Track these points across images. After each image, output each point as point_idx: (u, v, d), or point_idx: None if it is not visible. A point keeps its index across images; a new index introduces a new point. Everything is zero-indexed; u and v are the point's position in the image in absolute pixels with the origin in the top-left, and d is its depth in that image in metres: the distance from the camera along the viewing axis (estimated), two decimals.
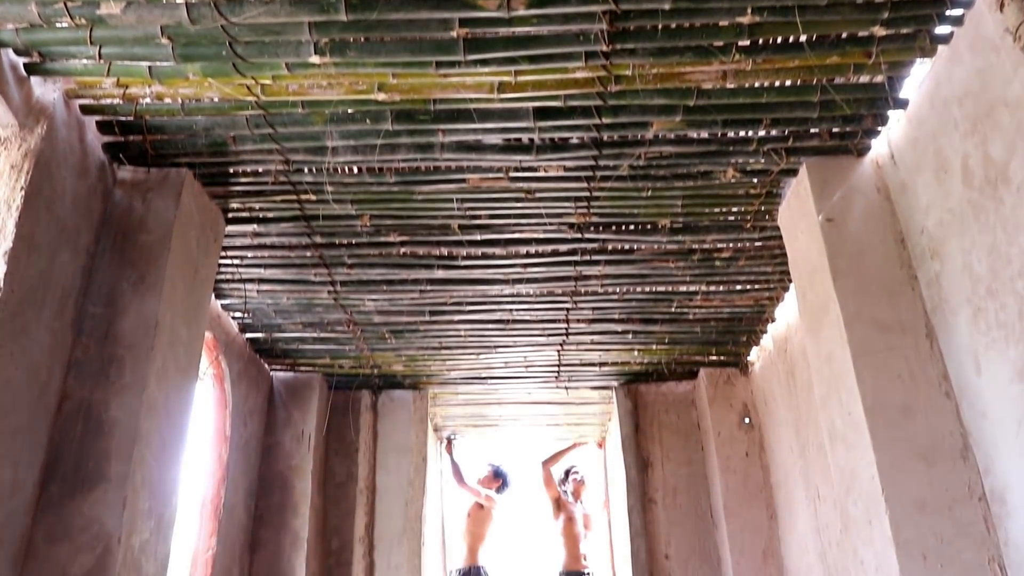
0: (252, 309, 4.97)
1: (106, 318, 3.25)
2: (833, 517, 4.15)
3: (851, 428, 3.26)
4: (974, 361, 2.90)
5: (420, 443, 6.12)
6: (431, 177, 3.75)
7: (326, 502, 5.74)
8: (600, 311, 5.06)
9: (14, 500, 2.83)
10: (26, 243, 2.83)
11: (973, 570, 2.86)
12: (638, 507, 5.78)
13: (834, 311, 3.36)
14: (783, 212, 3.92)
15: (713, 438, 5.65)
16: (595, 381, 6.18)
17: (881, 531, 3.01)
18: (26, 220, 2.82)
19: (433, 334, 5.37)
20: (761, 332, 5.39)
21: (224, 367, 4.96)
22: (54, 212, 3.01)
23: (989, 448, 2.87)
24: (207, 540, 4.72)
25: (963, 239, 2.89)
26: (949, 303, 3.04)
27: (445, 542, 7.09)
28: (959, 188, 2.90)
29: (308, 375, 5.85)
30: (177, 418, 3.48)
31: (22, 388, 2.85)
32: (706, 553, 5.63)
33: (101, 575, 2.90)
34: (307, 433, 5.63)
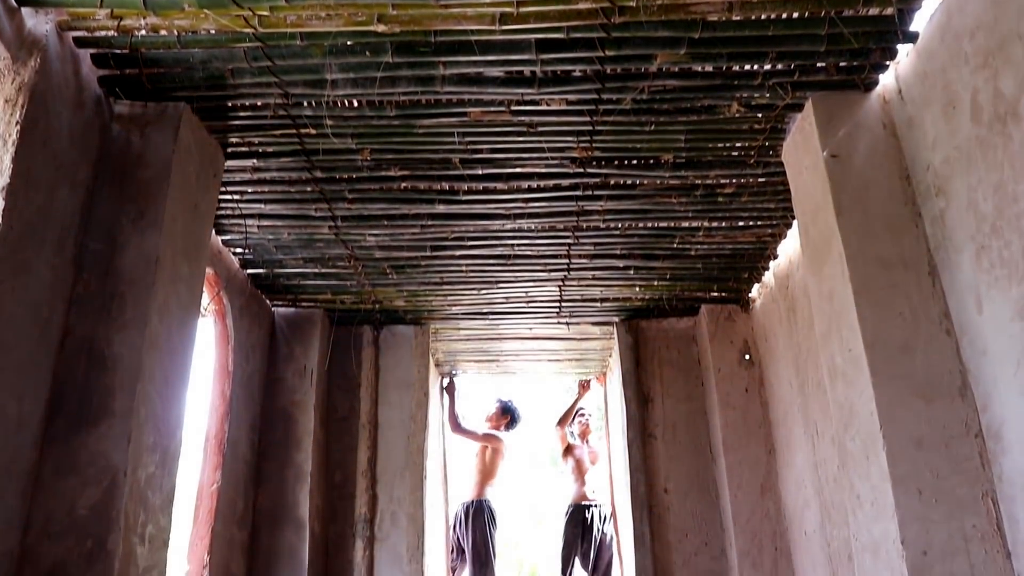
0: (253, 245, 4.96)
1: (106, 254, 3.24)
2: (831, 453, 4.19)
3: (851, 365, 3.27)
4: (976, 299, 2.89)
5: (422, 378, 6.16)
6: (432, 111, 3.70)
7: (329, 437, 5.80)
8: (602, 246, 5.05)
9: (21, 434, 2.85)
10: (24, 179, 2.80)
11: (967, 504, 2.90)
12: (638, 442, 5.84)
13: (836, 248, 3.35)
14: (787, 148, 3.88)
15: (713, 374, 5.68)
16: (596, 317, 6.19)
17: (878, 466, 3.05)
18: (23, 155, 2.79)
19: (434, 269, 5.36)
20: (763, 269, 5.38)
21: (226, 303, 4.97)
22: (51, 147, 2.98)
23: (987, 386, 2.88)
24: (212, 474, 4.79)
25: (969, 176, 2.86)
26: (953, 241, 3.02)
27: (447, 476, 7.19)
28: (967, 124, 2.86)
29: (310, 310, 5.86)
30: (180, 353, 3.50)
31: (24, 324, 2.86)
32: (705, 487, 5.71)
33: (108, 508, 2.94)
34: (309, 368, 5.67)
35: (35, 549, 2.85)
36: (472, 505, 7.20)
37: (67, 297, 3.13)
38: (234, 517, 4.95)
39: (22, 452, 2.87)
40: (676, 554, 5.57)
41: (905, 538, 2.89)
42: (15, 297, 2.80)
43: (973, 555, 2.84)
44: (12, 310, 2.78)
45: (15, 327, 2.81)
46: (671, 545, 5.60)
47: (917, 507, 2.92)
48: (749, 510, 5.33)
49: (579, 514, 7.15)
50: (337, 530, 5.66)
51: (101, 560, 2.87)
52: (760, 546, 5.23)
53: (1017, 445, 2.73)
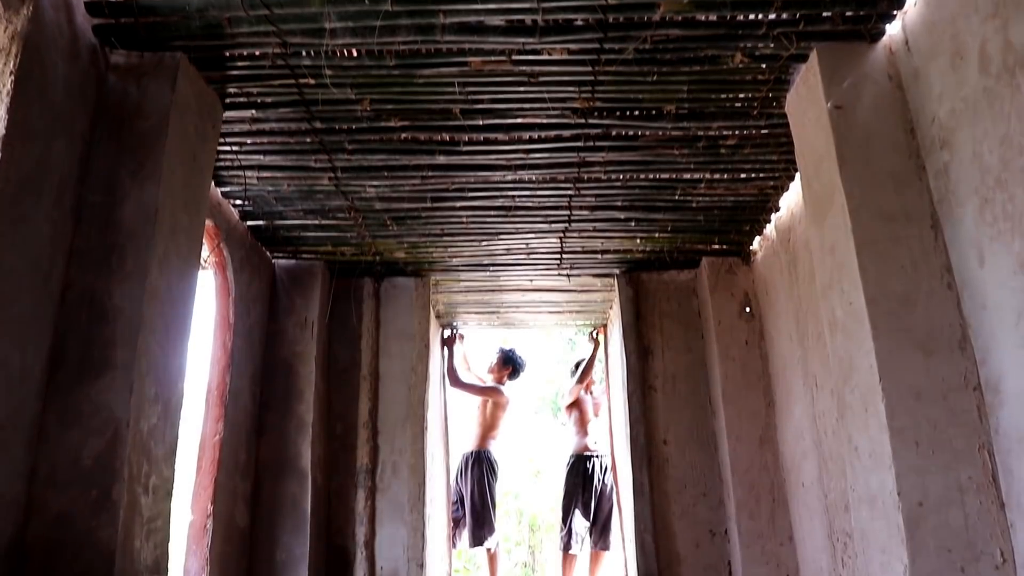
0: (252, 196, 4.94)
1: (105, 206, 3.22)
2: (830, 405, 4.21)
3: (851, 317, 3.27)
4: (978, 253, 2.88)
5: (422, 330, 6.18)
6: (432, 60, 3.65)
7: (330, 388, 5.83)
8: (603, 198, 5.03)
9: (24, 386, 2.87)
10: (20, 130, 2.78)
11: (963, 456, 2.92)
12: (638, 393, 5.87)
13: (839, 200, 3.33)
14: (791, 99, 3.84)
15: (713, 327, 5.69)
16: (597, 269, 6.18)
17: (876, 418, 3.06)
18: (18, 106, 2.76)
19: (435, 221, 5.34)
20: (764, 221, 5.36)
21: (226, 255, 4.96)
22: (47, 98, 2.95)
23: (987, 339, 2.89)
24: (214, 425, 4.82)
25: (975, 128, 2.84)
26: (956, 194, 3.01)
27: (448, 427, 7.25)
28: (975, 75, 2.82)
29: (310, 262, 5.86)
30: (180, 305, 3.50)
31: (24, 276, 2.86)
32: (704, 439, 5.75)
33: (112, 458, 2.97)
34: (310, 320, 5.68)
35: (41, 499, 2.88)
36: (473, 456, 7.28)
37: (66, 249, 3.12)
38: (237, 468, 5.00)
39: (25, 404, 2.88)
40: (675, 504, 5.64)
41: (902, 489, 2.91)
42: (14, 250, 2.79)
43: (968, 506, 2.87)
44: (12, 263, 2.78)
45: (15, 279, 2.81)
46: (670, 495, 5.66)
47: (914, 459, 2.94)
48: (747, 461, 5.38)
49: (580, 465, 7.22)
50: (339, 480, 5.72)
51: (106, 509, 2.91)
52: (758, 497, 5.29)
53: (1015, 398, 2.75)
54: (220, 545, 4.69)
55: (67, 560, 2.83)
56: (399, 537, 5.64)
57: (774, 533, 5.21)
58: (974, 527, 2.85)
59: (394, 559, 5.60)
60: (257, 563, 5.14)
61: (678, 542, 5.56)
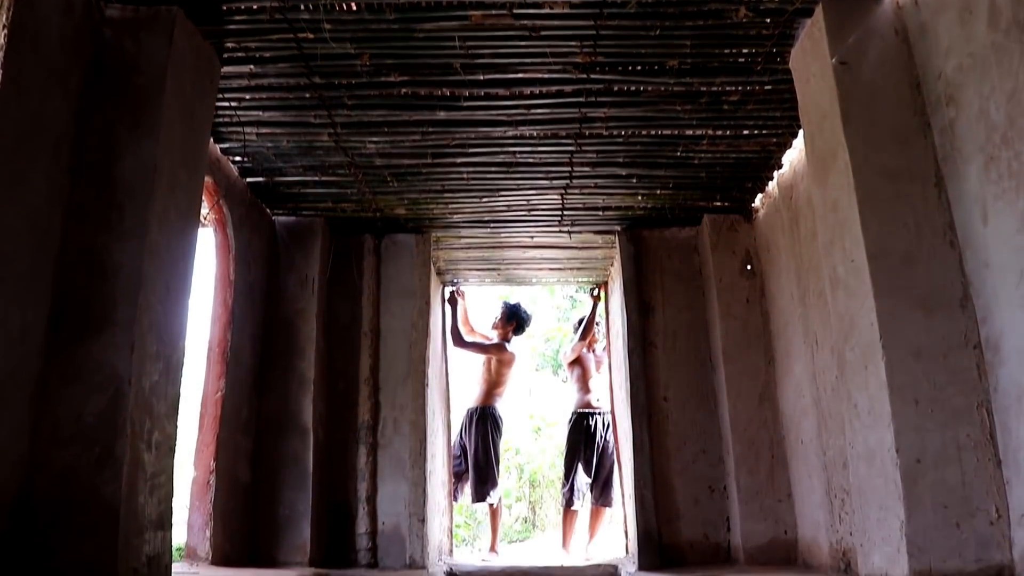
0: (252, 153, 4.91)
1: (103, 163, 3.20)
2: (830, 363, 4.22)
3: (853, 275, 3.27)
4: (981, 210, 2.86)
5: (423, 287, 6.17)
6: (432, 14, 3.61)
7: (331, 345, 5.84)
8: (604, 154, 4.99)
9: (26, 344, 2.87)
10: (14, 85, 2.74)
11: (962, 414, 2.94)
12: (638, 350, 5.87)
13: (842, 157, 3.31)
14: (795, 54, 3.80)
15: (714, 284, 5.68)
16: (598, 225, 6.16)
17: (876, 376, 3.07)
18: (12, 60, 2.72)
19: (435, 177, 5.31)
20: (767, 179, 5.33)
21: (225, 212, 4.94)
22: (41, 52, 2.91)
23: (988, 298, 2.88)
24: (216, 382, 4.84)
25: (982, 85, 2.80)
26: (961, 151, 2.98)
27: (449, 383, 7.28)
28: (983, 30, 2.78)
29: (310, 219, 5.83)
30: (180, 262, 3.49)
31: (22, 234, 2.85)
32: (704, 396, 5.77)
33: (114, 415, 2.98)
34: (311, 277, 5.67)
35: (45, 456, 2.90)
36: (477, 412, 7.32)
37: (64, 207, 3.10)
38: (239, 424, 5.03)
39: (27, 361, 2.89)
40: (674, 461, 5.68)
41: (900, 446, 2.93)
42: (11, 207, 2.77)
43: (965, 463, 2.89)
44: (10, 220, 2.77)
45: (13, 237, 2.80)
46: (670, 452, 5.69)
47: (913, 416, 2.96)
48: (747, 418, 5.40)
49: (583, 421, 7.28)
50: (340, 437, 5.75)
51: (110, 466, 2.93)
52: (757, 454, 5.32)
53: (1014, 356, 2.75)
54: (223, 501, 4.73)
55: (72, 516, 2.86)
56: (400, 493, 5.69)
57: (773, 489, 5.25)
58: (970, 484, 2.87)
59: (395, 514, 5.65)
60: (260, 519, 5.19)
61: (677, 498, 5.61)
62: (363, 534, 5.60)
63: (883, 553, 3.02)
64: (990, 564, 2.80)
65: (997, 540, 2.81)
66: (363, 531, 5.60)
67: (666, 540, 5.51)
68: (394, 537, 5.61)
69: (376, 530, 5.63)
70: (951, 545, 2.83)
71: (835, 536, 4.31)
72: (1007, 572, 2.78)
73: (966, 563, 2.81)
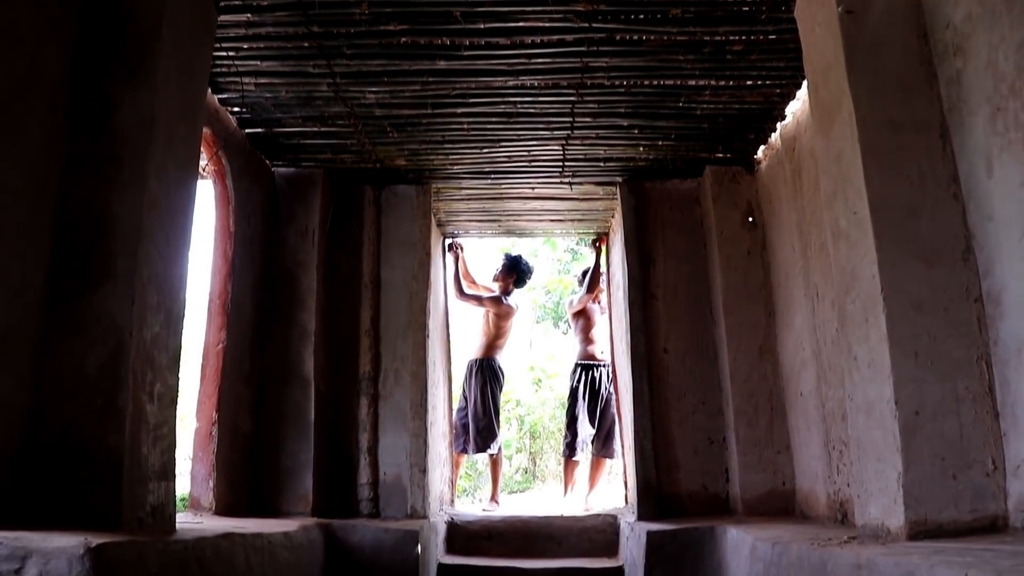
0: (250, 103, 4.86)
1: (100, 114, 3.16)
2: (830, 316, 4.22)
3: (855, 227, 3.25)
4: (986, 163, 2.84)
5: (423, 238, 6.15)
6: None
7: (331, 297, 5.84)
8: (606, 104, 4.95)
9: (26, 296, 2.88)
10: (7, 35, 2.71)
11: (962, 367, 2.94)
12: (639, 302, 5.87)
13: (847, 108, 3.27)
14: (800, 3, 3.73)
15: (716, 236, 5.66)
16: (599, 177, 6.12)
17: (877, 329, 3.07)
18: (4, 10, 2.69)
19: (436, 127, 5.27)
20: (770, 130, 5.28)
21: (224, 163, 4.91)
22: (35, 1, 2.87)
23: (991, 251, 2.87)
24: (217, 334, 4.85)
25: (991, 34, 2.76)
26: (968, 103, 2.94)
27: (450, 335, 7.30)
28: None
29: (310, 170, 5.80)
30: (180, 214, 3.47)
31: (21, 186, 2.83)
32: (704, 348, 5.78)
33: (116, 366, 2.98)
34: (311, 228, 5.65)
35: (48, 407, 2.91)
36: (478, 364, 7.35)
37: (62, 159, 3.07)
38: (240, 376, 5.05)
39: (28, 314, 2.89)
40: (674, 412, 5.71)
41: (899, 398, 2.94)
42: (8, 158, 2.76)
43: (963, 415, 2.90)
44: (7, 172, 2.75)
45: (11, 189, 2.78)
46: (669, 404, 5.72)
47: (913, 369, 2.96)
48: (747, 371, 5.42)
49: (586, 373, 7.31)
50: (342, 388, 5.78)
51: (112, 417, 2.94)
52: (756, 406, 5.35)
53: (1016, 310, 2.75)
54: (226, 452, 4.77)
55: (76, 467, 2.88)
56: (401, 443, 5.74)
57: (771, 441, 5.29)
58: (968, 436, 2.88)
59: (396, 465, 5.70)
60: (262, 469, 5.25)
61: (677, 449, 5.65)
62: (365, 484, 5.66)
63: (880, 504, 3.04)
64: (985, 514, 2.83)
65: (992, 491, 2.83)
66: (365, 481, 5.66)
67: (665, 490, 5.57)
68: (395, 487, 5.66)
69: (378, 480, 5.68)
70: (947, 496, 2.85)
71: (833, 487, 4.35)
72: (1001, 522, 2.81)
73: (961, 514, 2.83)
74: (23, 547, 2.31)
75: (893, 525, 2.93)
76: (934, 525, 2.83)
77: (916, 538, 2.80)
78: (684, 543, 4.82)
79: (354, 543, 4.97)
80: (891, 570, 2.33)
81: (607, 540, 6.14)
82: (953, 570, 2.00)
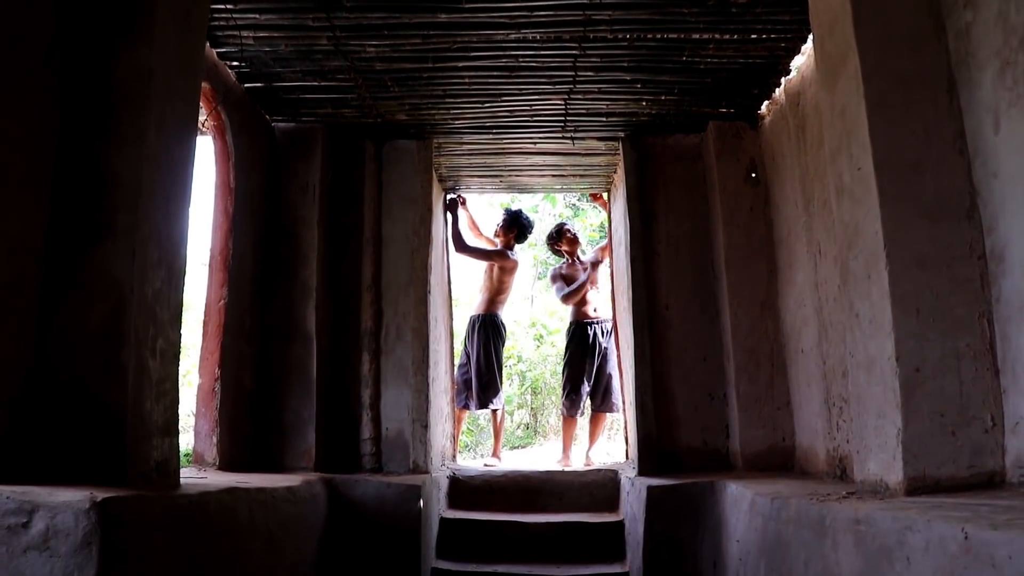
0: (249, 57, 4.81)
1: (97, 69, 3.11)
2: (832, 272, 4.21)
3: (859, 183, 3.22)
4: (994, 118, 2.81)
5: (425, 193, 6.12)
6: None
7: (333, 252, 5.82)
8: (608, 59, 4.89)
9: (26, 252, 2.87)
10: None
11: (963, 323, 2.94)
12: (641, 258, 5.86)
13: (853, 62, 3.23)
14: None
15: (718, 192, 5.63)
16: (602, 132, 6.08)
17: (879, 285, 3.06)
18: None
19: (437, 82, 5.22)
20: (774, 85, 5.23)
21: (224, 118, 4.87)
22: None
23: (996, 207, 2.85)
24: (218, 290, 4.85)
25: None
26: (976, 56, 2.90)
27: (451, 290, 7.30)
28: None
29: (310, 125, 5.75)
30: (180, 170, 3.44)
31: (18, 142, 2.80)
32: (705, 304, 5.78)
33: (118, 322, 2.98)
34: (311, 184, 5.62)
35: (50, 364, 2.91)
36: (480, 319, 7.37)
37: (59, 115, 3.04)
38: (242, 332, 5.06)
39: (29, 270, 2.88)
40: (675, 368, 5.73)
41: (900, 355, 2.94)
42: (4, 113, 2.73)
43: (964, 372, 2.91)
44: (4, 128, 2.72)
45: (8, 145, 2.75)
46: (671, 360, 5.74)
47: (914, 325, 2.96)
48: (748, 327, 5.43)
49: (581, 331, 7.32)
50: (343, 344, 5.80)
51: (115, 373, 2.94)
52: (757, 362, 5.37)
53: (1019, 267, 2.74)
54: (229, 408, 4.80)
55: (79, 423, 2.89)
56: (403, 399, 5.76)
57: (772, 397, 5.32)
58: (968, 393, 2.89)
59: (399, 420, 5.74)
60: (265, 425, 5.28)
61: (678, 405, 5.68)
62: (367, 440, 5.70)
63: (879, 460, 3.06)
64: (982, 471, 2.84)
65: (991, 448, 2.85)
66: (367, 437, 5.70)
67: (666, 446, 5.61)
68: (397, 442, 5.70)
69: (380, 436, 5.72)
70: (945, 452, 2.87)
71: (832, 443, 4.37)
72: (998, 478, 2.83)
73: (959, 469, 2.85)
74: (30, 501, 2.34)
75: (892, 481, 2.95)
76: (932, 481, 2.85)
77: (914, 494, 2.82)
78: (684, 498, 4.87)
79: (357, 498, 5.02)
80: (889, 524, 2.35)
81: (608, 495, 6.20)
82: (950, 524, 2.01)
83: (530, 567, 5.34)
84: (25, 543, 2.31)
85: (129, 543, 2.47)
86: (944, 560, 2.01)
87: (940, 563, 2.02)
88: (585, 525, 5.72)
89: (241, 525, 3.47)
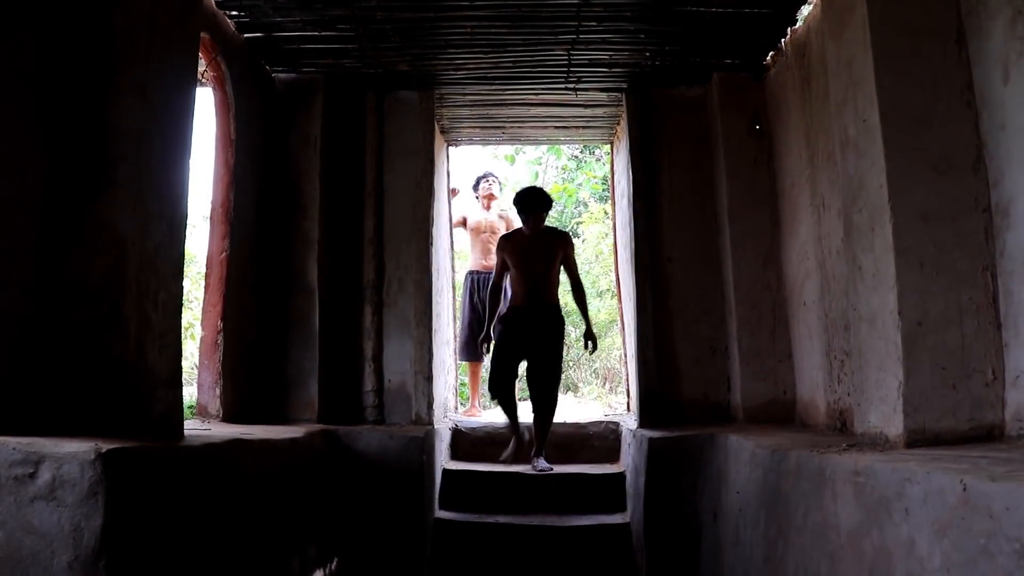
0: (248, 6, 4.73)
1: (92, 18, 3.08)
2: (836, 225, 4.19)
3: (864, 135, 3.20)
4: (1003, 69, 2.77)
5: (427, 145, 6.07)
6: None
7: (334, 205, 5.78)
8: (612, 8, 4.82)
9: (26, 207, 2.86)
10: None
11: (966, 277, 2.94)
12: (643, 211, 5.83)
13: (860, 11, 3.18)
14: None
15: (722, 144, 5.58)
16: (605, 83, 6.01)
17: (883, 239, 3.05)
18: None
19: (439, 32, 5.15)
20: (779, 35, 5.15)
21: (224, 69, 4.81)
22: None
23: (1002, 161, 2.83)
24: (220, 243, 4.84)
25: None
26: (986, 5, 2.86)
27: (453, 244, 7.28)
28: None
29: (311, 76, 5.69)
30: (179, 121, 3.42)
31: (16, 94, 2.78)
32: (708, 257, 5.76)
33: (120, 276, 2.99)
34: (312, 136, 5.57)
35: (53, 316, 2.93)
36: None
37: (56, 66, 3.01)
38: (244, 284, 5.05)
39: (29, 225, 2.88)
40: (677, 321, 5.73)
41: (902, 308, 2.95)
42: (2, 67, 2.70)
43: (966, 326, 2.91)
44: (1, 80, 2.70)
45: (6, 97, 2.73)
46: (672, 312, 5.75)
47: (917, 279, 2.96)
48: (750, 280, 5.42)
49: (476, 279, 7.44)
50: (346, 296, 5.79)
51: (117, 325, 2.97)
52: (759, 315, 5.37)
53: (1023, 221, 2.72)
54: (232, 360, 4.81)
55: (83, 375, 2.91)
56: (406, 351, 5.78)
57: (773, 350, 5.32)
58: (969, 347, 2.90)
59: (401, 372, 5.76)
60: (268, 377, 5.31)
61: (679, 358, 5.70)
62: (369, 391, 5.73)
63: (879, 412, 3.08)
64: (982, 424, 2.86)
65: (991, 401, 2.86)
66: (369, 388, 5.73)
67: (667, 398, 5.64)
68: (400, 394, 5.73)
69: (382, 387, 5.75)
70: (946, 405, 2.88)
71: (833, 396, 4.39)
72: (997, 431, 2.84)
73: (959, 423, 2.87)
74: (36, 452, 2.36)
75: (892, 433, 2.96)
76: (932, 434, 2.87)
77: (914, 446, 2.84)
78: (685, 450, 4.90)
79: (359, 449, 5.06)
80: (888, 476, 2.37)
81: (609, 446, 6.25)
82: (949, 476, 2.02)
83: (531, 518, 5.40)
84: (32, 493, 2.34)
85: (135, 493, 2.50)
86: (943, 511, 2.02)
87: (938, 514, 2.04)
88: (586, 476, 5.78)
89: (245, 476, 3.50)
